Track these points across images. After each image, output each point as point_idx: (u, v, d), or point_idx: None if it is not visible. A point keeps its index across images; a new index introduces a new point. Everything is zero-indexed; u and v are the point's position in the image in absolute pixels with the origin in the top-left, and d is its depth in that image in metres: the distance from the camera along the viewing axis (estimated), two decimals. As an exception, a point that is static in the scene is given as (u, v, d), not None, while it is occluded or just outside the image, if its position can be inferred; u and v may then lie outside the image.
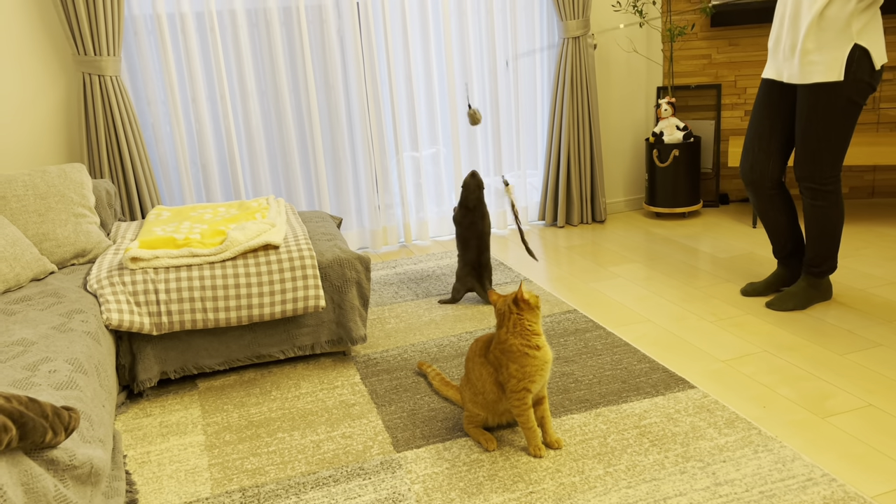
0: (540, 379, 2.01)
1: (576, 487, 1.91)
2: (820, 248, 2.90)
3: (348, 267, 2.69)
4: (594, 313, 3.07)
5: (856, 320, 2.82)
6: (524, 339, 1.99)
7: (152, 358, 2.54)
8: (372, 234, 4.15)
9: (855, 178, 4.42)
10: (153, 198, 3.53)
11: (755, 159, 2.93)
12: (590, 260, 3.76)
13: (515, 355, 1.99)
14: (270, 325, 2.66)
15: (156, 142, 3.63)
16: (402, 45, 3.96)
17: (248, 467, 2.12)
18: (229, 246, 2.57)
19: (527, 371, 1.99)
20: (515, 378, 2.00)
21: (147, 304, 2.46)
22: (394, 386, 2.54)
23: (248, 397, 2.53)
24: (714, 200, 4.57)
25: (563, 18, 4.07)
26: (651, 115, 4.57)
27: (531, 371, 1.99)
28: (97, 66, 3.32)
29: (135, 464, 2.18)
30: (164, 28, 3.50)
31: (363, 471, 2.06)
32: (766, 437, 2.07)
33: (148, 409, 2.50)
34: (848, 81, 2.63)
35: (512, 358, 2.00)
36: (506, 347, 2.01)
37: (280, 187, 3.95)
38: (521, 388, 2.00)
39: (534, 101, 4.35)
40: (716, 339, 2.75)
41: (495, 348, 2.05)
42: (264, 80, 3.79)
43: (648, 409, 2.27)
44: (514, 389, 2.01)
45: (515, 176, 4.39)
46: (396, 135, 4.06)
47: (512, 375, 2.00)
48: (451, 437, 2.20)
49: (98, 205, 3.03)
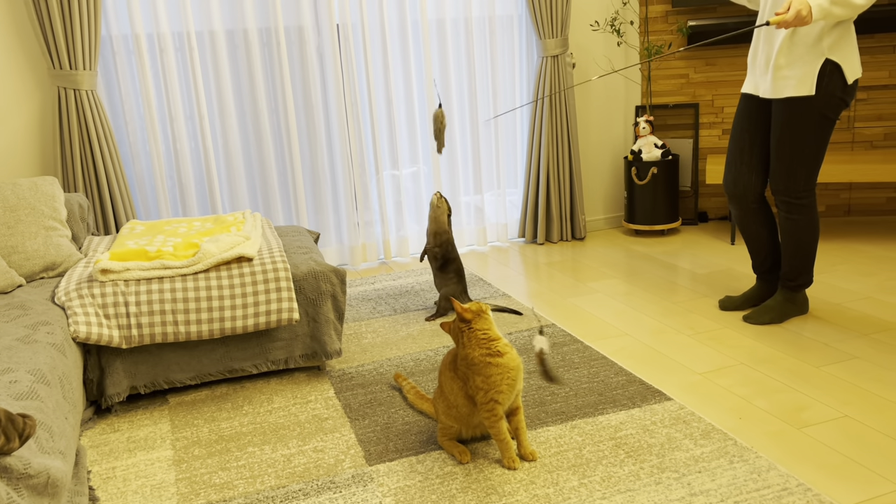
0: (508, 389, 1.98)
1: (550, 499, 1.88)
2: (795, 262, 2.91)
3: (323, 279, 2.66)
4: (572, 327, 3.06)
5: (832, 333, 2.82)
6: (483, 348, 1.97)
7: (121, 372, 2.49)
8: (351, 251, 4.12)
9: (831, 196, 4.46)
10: (128, 213, 3.49)
11: (738, 173, 2.95)
12: (569, 276, 3.75)
13: (479, 367, 1.96)
14: (243, 338, 2.62)
15: (132, 158, 3.60)
16: (381, 64, 3.97)
17: (217, 482, 2.07)
18: (202, 258, 2.54)
19: (492, 381, 1.96)
20: (482, 390, 1.97)
21: (117, 316, 2.42)
22: (368, 400, 2.50)
23: (219, 412, 2.48)
24: (693, 218, 4.59)
25: (541, 37, 4.11)
26: (630, 134, 4.60)
27: (497, 381, 1.96)
28: (73, 80, 3.30)
29: (99, 479, 2.12)
30: (142, 48, 3.50)
31: (334, 484, 2.01)
32: (741, 448, 2.05)
33: (116, 424, 2.45)
34: (819, 96, 2.66)
35: (476, 370, 1.97)
36: (469, 361, 1.99)
37: (258, 204, 3.92)
38: (489, 399, 1.97)
39: (513, 117, 4.37)
40: (693, 352, 2.74)
41: (460, 363, 2.03)
42: (243, 97, 3.79)
43: (624, 421, 2.24)
44: (482, 401, 1.98)
45: (495, 195, 4.40)
46: (376, 153, 4.06)
47: (479, 388, 1.97)
48: (425, 450, 2.16)
49: (70, 218, 2.99)
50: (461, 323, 2.02)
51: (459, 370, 2.04)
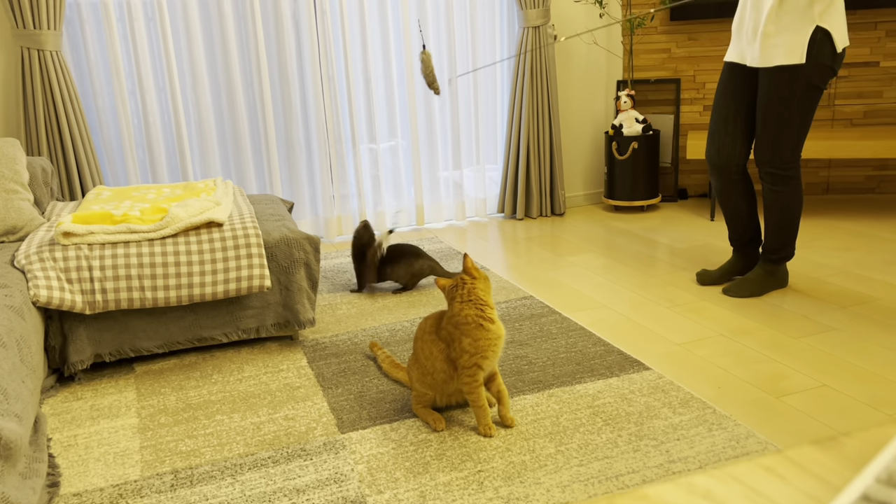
0: (492, 356, 1.94)
1: (526, 466, 1.84)
2: (779, 235, 2.88)
3: (296, 247, 2.59)
4: (550, 299, 3.01)
5: (811, 306, 2.80)
6: (478, 309, 1.92)
7: (85, 339, 2.41)
8: (326, 223, 4.04)
9: (811, 174, 4.45)
10: (95, 180, 3.38)
11: (721, 143, 2.90)
12: (547, 250, 3.71)
13: (469, 327, 1.91)
14: (213, 306, 2.54)
15: (100, 125, 3.48)
16: (359, 35, 3.88)
17: (183, 449, 2.00)
18: (170, 222, 2.45)
19: (480, 345, 1.91)
20: (468, 353, 1.92)
21: (80, 281, 2.33)
22: (342, 369, 2.44)
23: (187, 381, 2.41)
24: (673, 195, 4.57)
25: (523, 7, 4.03)
26: (611, 109, 4.55)
27: (484, 345, 1.91)
28: (37, 40, 3.17)
29: (60, 447, 2.04)
30: (111, 16, 3.38)
31: (304, 452, 1.96)
32: (720, 416, 2.02)
33: (79, 392, 2.37)
34: (809, 64, 2.62)
35: (465, 331, 1.92)
36: (459, 320, 1.93)
37: (231, 175, 3.83)
38: (473, 363, 1.92)
39: (493, 92, 4.30)
40: (672, 323, 2.71)
41: (447, 323, 1.98)
42: (217, 67, 3.68)
43: (602, 390, 2.20)
44: (465, 365, 1.93)
45: (475, 170, 4.33)
46: (353, 125, 3.97)
47: (465, 350, 1.92)
48: (399, 418, 2.11)
49: (33, 182, 2.88)
50: (465, 275, 1.97)
51: (444, 331, 1.98)
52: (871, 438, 0.38)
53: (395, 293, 3.15)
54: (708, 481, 0.36)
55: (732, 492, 0.35)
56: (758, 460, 0.37)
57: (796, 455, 0.37)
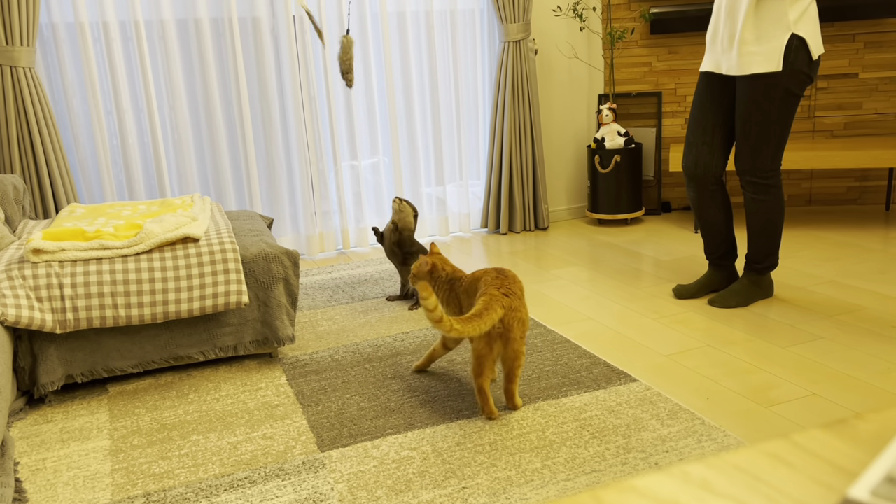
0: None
1: (511, 481, 1.78)
2: (762, 244, 2.86)
3: (274, 262, 2.53)
4: (535, 313, 2.97)
5: (797, 316, 2.77)
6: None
7: (56, 359, 2.33)
8: (308, 240, 3.98)
9: (793, 185, 4.46)
10: (70, 198, 3.31)
11: (699, 153, 2.88)
12: (532, 264, 3.67)
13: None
14: (189, 323, 2.47)
15: (75, 144, 3.42)
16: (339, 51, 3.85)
17: (156, 471, 1.92)
18: (144, 238, 2.39)
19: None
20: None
21: (50, 299, 2.26)
22: (322, 387, 2.38)
23: (162, 401, 2.33)
24: (656, 208, 4.55)
25: (503, 21, 4.03)
26: (593, 122, 4.55)
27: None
28: (9, 56, 3.12)
29: (28, 471, 1.96)
30: (87, 36, 3.33)
31: (283, 471, 1.89)
32: (709, 427, 1.98)
33: (49, 415, 2.28)
34: (786, 72, 2.61)
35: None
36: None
37: (209, 193, 3.77)
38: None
39: (475, 106, 4.29)
40: (658, 335, 2.67)
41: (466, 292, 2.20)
42: (195, 88, 3.63)
43: (589, 403, 2.16)
44: None
45: (458, 186, 4.30)
46: (334, 143, 3.93)
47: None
48: (381, 434, 2.05)
49: (4, 200, 2.81)
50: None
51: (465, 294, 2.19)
52: (886, 420, 0.34)
53: (411, 309, 3.08)
54: (705, 471, 0.31)
55: (733, 481, 0.30)
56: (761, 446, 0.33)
57: (804, 440, 0.33)
